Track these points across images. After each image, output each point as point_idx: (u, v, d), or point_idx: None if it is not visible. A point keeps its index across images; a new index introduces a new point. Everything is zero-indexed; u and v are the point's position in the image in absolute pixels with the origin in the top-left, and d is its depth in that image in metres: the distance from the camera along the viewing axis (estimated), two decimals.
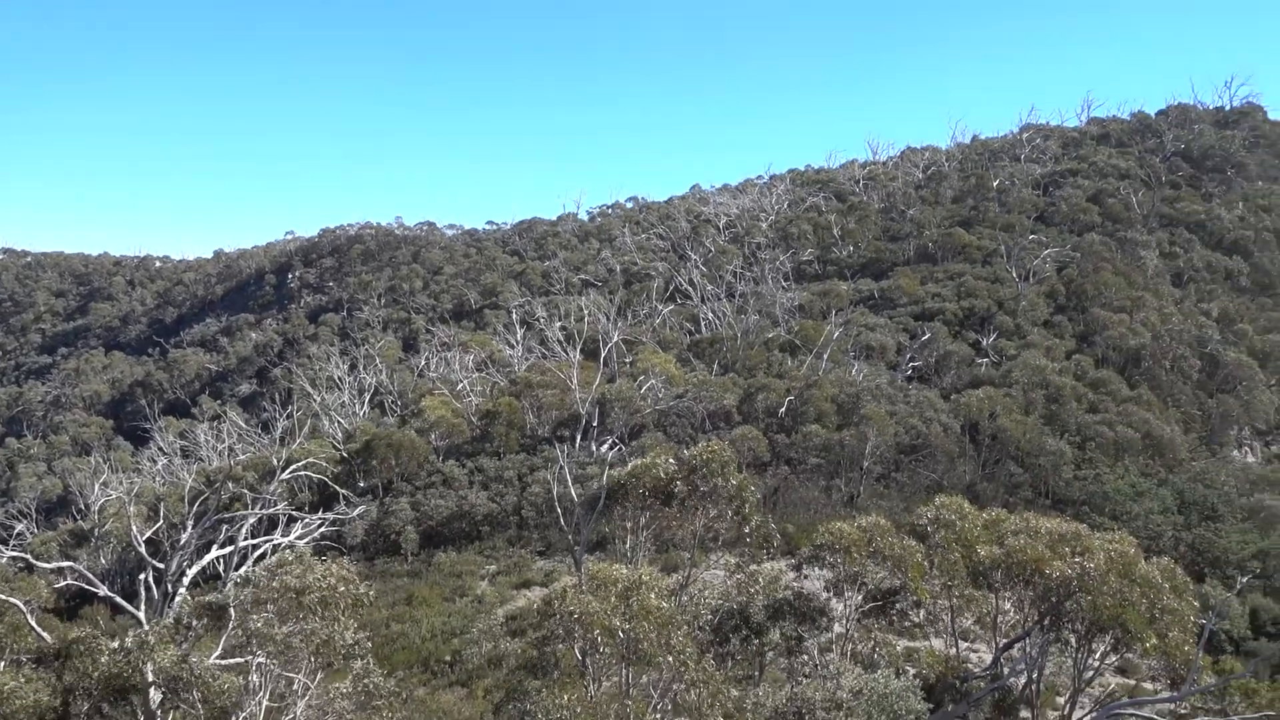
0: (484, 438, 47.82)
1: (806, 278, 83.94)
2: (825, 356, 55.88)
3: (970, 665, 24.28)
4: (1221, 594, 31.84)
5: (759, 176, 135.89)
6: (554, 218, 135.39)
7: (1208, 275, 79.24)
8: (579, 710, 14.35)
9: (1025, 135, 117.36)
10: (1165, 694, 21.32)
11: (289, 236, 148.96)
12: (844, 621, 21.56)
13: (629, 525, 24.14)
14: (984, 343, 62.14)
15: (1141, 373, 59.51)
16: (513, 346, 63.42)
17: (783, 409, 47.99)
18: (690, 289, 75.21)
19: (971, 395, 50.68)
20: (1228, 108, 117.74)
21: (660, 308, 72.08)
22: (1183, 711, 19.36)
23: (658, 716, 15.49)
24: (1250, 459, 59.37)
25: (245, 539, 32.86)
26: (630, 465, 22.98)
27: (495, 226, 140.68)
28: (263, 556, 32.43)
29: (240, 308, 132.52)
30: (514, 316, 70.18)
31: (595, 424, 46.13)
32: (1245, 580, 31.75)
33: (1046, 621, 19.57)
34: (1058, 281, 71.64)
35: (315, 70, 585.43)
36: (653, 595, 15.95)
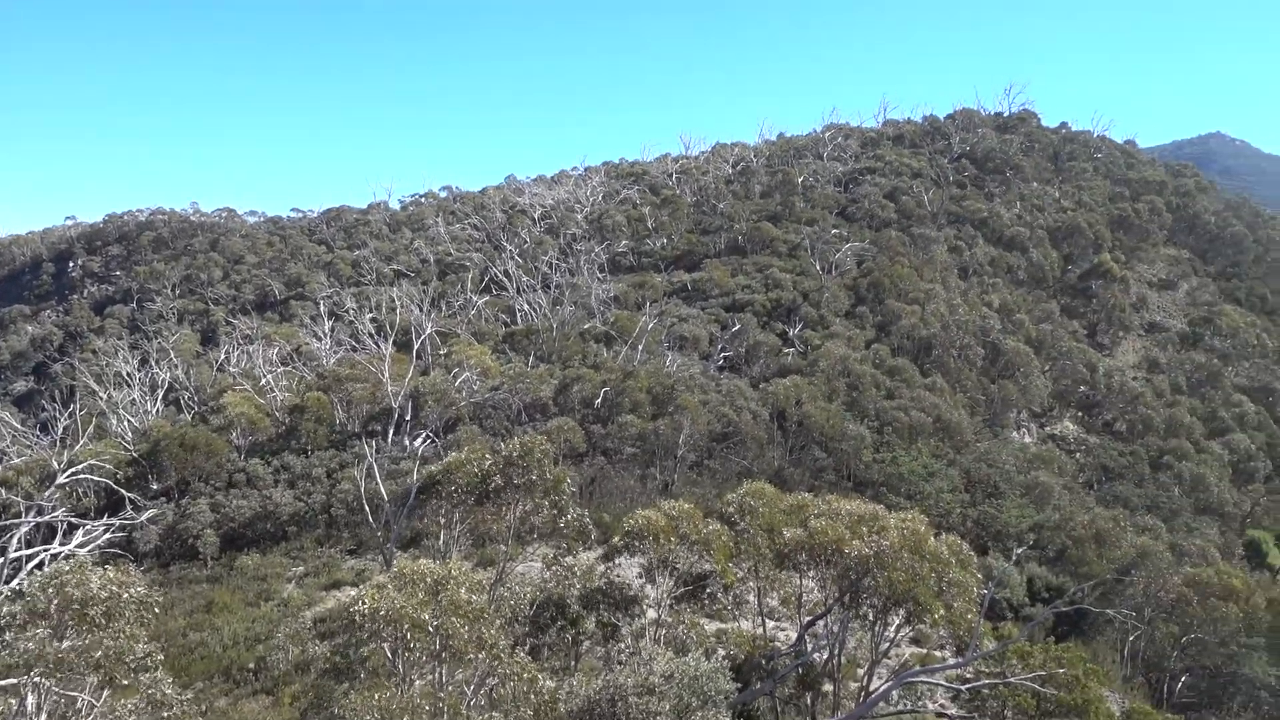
0: (290, 434, 45.86)
1: (622, 269, 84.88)
2: (640, 347, 56.67)
3: (777, 643, 25.22)
4: (1002, 565, 34.32)
5: (574, 168, 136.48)
6: (364, 206, 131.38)
7: (990, 269, 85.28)
8: (392, 709, 13.99)
9: (828, 134, 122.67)
10: (952, 660, 22.82)
11: (70, 223, 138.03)
12: (657, 607, 21.97)
13: (443, 520, 23.75)
14: (791, 333, 64.59)
15: (932, 360, 63.44)
16: (321, 339, 61.13)
17: (599, 400, 48.36)
18: (506, 280, 74.64)
19: (779, 384, 52.60)
20: (1007, 114, 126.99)
21: (475, 299, 71.18)
22: (968, 675, 20.73)
23: (470, 713, 15.30)
24: (1027, 439, 64.38)
25: (18, 549, 30.26)
26: (445, 460, 22.58)
27: (301, 214, 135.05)
28: (41, 567, 29.95)
29: (13, 298, 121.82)
30: (322, 308, 67.75)
31: (408, 418, 45.07)
32: (1021, 551, 34.32)
33: (846, 598, 20.57)
34: (858, 274, 75.32)
35: (95, 43, 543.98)
36: (463, 590, 15.74)
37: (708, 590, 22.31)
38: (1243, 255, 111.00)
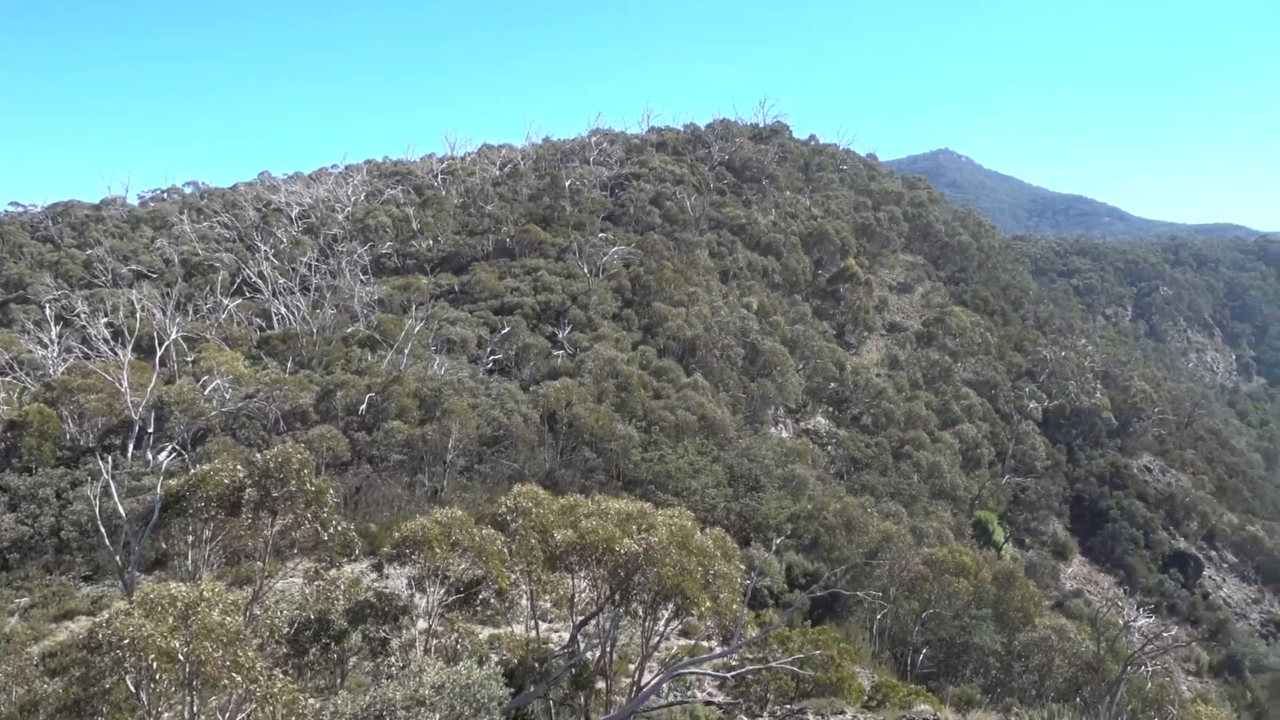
0: (11, 452, 41.34)
1: (386, 271, 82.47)
2: (407, 351, 55.23)
3: (551, 645, 25.22)
4: (763, 555, 35.90)
5: (334, 166, 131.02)
6: (97, 201, 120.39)
7: (749, 273, 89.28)
8: None
9: (594, 139, 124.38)
10: (719, 650, 23.60)
11: None
12: (428, 617, 21.40)
13: (192, 539, 22.14)
14: (560, 335, 64.97)
15: (697, 361, 65.65)
16: (46, 346, 55.52)
17: (363, 406, 46.72)
18: (261, 282, 70.70)
19: (549, 386, 52.79)
20: (762, 124, 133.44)
21: (226, 302, 66.93)
22: (733, 663, 21.51)
23: None
24: (784, 434, 67.86)
25: None
26: (191, 473, 21.03)
27: (22, 209, 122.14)
28: None
29: None
30: (48, 312, 61.47)
31: (151, 430, 41.72)
32: (780, 541, 36.02)
33: (617, 596, 20.82)
34: (625, 277, 76.78)
35: None
36: (217, 612, 14.69)
37: (480, 596, 21.97)
38: (969, 261, 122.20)
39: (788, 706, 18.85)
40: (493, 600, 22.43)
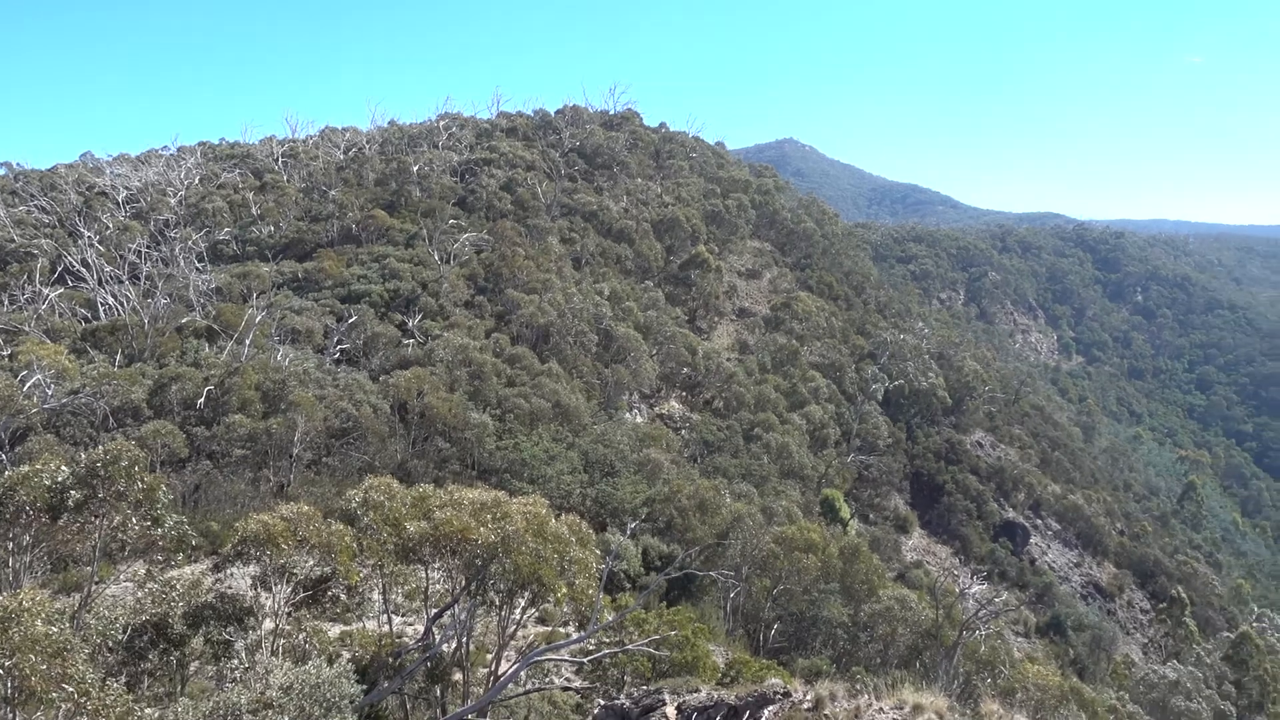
0: None
1: (224, 258, 78.89)
2: (248, 342, 53.02)
3: (406, 639, 24.77)
4: (619, 539, 36.20)
5: (164, 147, 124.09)
6: None
7: (601, 259, 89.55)
8: None
9: (443, 124, 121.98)
10: (575, 635, 23.69)
11: None
12: (275, 616, 20.67)
13: (11, 545, 20.68)
14: (410, 324, 63.61)
15: (550, 348, 65.50)
16: None
17: (201, 400, 44.62)
18: (85, 270, 66.46)
19: (400, 376, 51.63)
20: (613, 111, 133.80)
21: (46, 291, 62.61)
22: (591, 648, 21.62)
23: None
24: (639, 419, 68.51)
25: None
26: (6, 475, 19.62)
27: None
28: None
29: None
30: None
31: None
32: (635, 525, 36.41)
33: (473, 586, 20.62)
34: (477, 264, 75.80)
35: None
36: (39, 622, 13.78)
37: (330, 593, 21.37)
38: (814, 248, 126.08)
39: (644, 688, 19.09)
40: (342, 596, 21.88)
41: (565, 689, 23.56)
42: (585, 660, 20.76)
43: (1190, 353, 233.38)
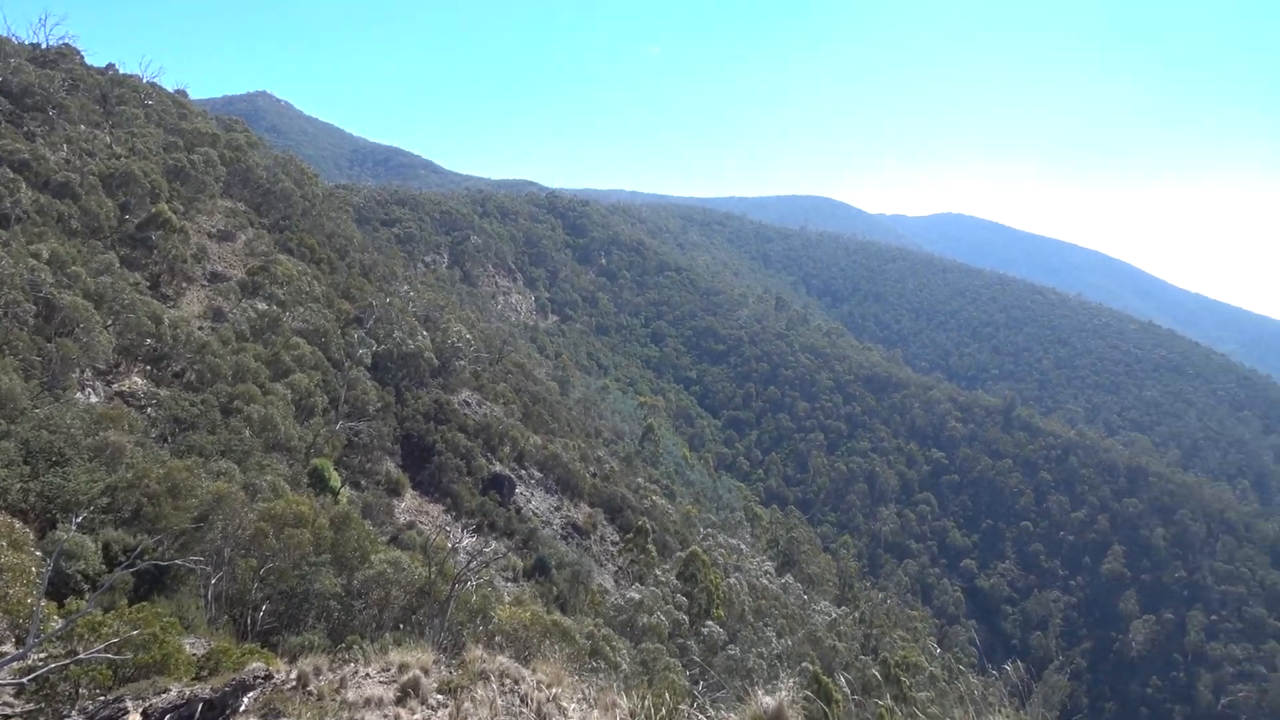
0: None
1: None
2: None
3: None
4: (69, 535, 31.85)
5: None
6: None
7: (38, 217, 77.49)
8: None
9: None
10: (12, 652, 20.32)
11: None
12: None
13: None
14: None
15: None
16: None
17: None
18: None
19: None
20: (45, 46, 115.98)
21: None
22: (35, 664, 18.62)
23: None
24: (94, 399, 60.70)
25: None
26: None
27: None
28: None
29: None
30: None
31: None
32: (85, 516, 32.33)
33: None
34: None
35: None
36: None
37: None
38: (293, 209, 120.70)
39: (103, 698, 16.86)
40: None
41: (4, 717, 20.12)
42: (26, 680, 17.81)
43: (646, 310, 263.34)
